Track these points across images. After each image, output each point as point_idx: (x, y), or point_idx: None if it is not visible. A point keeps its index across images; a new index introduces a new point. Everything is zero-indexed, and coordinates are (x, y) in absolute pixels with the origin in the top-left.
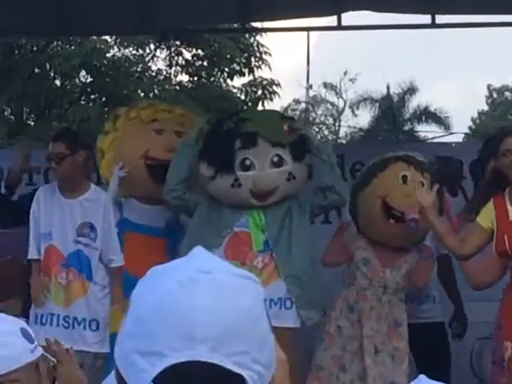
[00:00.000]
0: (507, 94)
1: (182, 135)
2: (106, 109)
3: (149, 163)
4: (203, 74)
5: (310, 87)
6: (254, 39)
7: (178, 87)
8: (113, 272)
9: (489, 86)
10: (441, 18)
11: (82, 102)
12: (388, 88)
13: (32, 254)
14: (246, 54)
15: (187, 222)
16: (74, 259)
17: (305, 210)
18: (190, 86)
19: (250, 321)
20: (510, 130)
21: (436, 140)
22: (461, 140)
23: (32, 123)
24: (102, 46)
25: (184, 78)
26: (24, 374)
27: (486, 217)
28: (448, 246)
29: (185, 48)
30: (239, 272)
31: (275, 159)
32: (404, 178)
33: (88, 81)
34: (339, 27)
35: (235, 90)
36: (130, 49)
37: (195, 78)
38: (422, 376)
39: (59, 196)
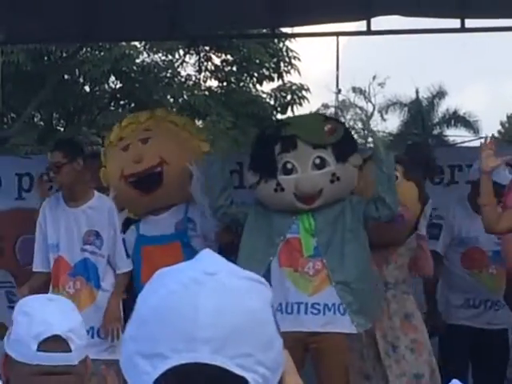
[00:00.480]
0: None
1: (148, 140)
2: None
3: (130, 181)
4: (232, 79)
5: (338, 92)
6: (283, 44)
7: (207, 92)
8: (119, 278)
9: None
10: (470, 22)
11: (112, 108)
12: (417, 92)
13: (36, 267)
14: (275, 59)
15: (195, 215)
16: (81, 268)
17: (359, 216)
18: (219, 91)
19: (254, 323)
20: None
21: (465, 144)
22: None
23: (61, 129)
24: (132, 52)
25: (213, 83)
26: (81, 368)
27: None
28: (485, 215)
29: (214, 53)
30: (246, 274)
31: (317, 161)
32: None
33: (117, 87)
34: (369, 32)
35: (264, 95)
36: (160, 54)
37: (224, 84)
38: (454, 381)
39: (64, 206)
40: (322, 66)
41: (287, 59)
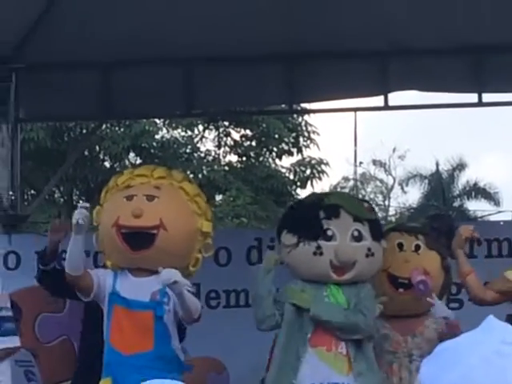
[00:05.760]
0: None
1: (155, 199)
2: None
3: (122, 231)
4: (252, 154)
5: (359, 164)
6: (302, 119)
7: (226, 168)
8: None
9: None
10: (487, 97)
11: None
12: (437, 164)
13: None
14: (294, 134)
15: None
16: None
17: None
18: (238, 166)
19: None
20: None
21: (485, 219)
22: (510, 216)
23: None
24: (151, 128)
25: (233, 158)
26: None
27: None
28: (469, 285)
29: (233, 128)
30: None
31: (355, 233)
32: (399, 245)
33: (137, 162)
34: (386, 107)
35: (284, 170)
36: (179, 130)
37: (244, 159)
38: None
39: None
40: (342, 138)
41: (306, 134)
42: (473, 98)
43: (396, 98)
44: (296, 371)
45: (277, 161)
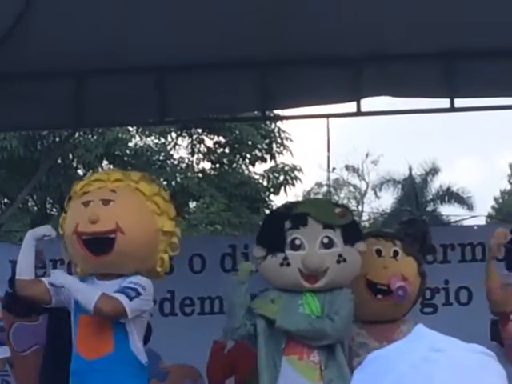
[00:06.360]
0: None
1: (110, 202)
2: None
3: (83, 238)
4: (225, 160)
5: (332, 170)
6: (275, 125)
7: (200, 175)
8: None
9: (511, 165)
10: (460, 102)
11: None
12: (410, 169)
13: None
14: (267, 141)
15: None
16: None
17: None
18: (212, 173)
19: None
20: None
21: (458, 224)
22: (483, 221)
23: (55, 214)
24: (124, 136)
25: (206, 165)
26: None
27: None
28: (495, 297)
29: (206, 135)
30: (476, 348)
31: (325, 240)
32: (378, 251)
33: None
34: (359, 113)
35: (257, 177)
36: (152, 137)
37: (217, 165)
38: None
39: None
40: (315, 144)
41: (279, 140)
42: (445, 103)
43: (368, 103)
44: (275, 381)
45: (250, 167)
